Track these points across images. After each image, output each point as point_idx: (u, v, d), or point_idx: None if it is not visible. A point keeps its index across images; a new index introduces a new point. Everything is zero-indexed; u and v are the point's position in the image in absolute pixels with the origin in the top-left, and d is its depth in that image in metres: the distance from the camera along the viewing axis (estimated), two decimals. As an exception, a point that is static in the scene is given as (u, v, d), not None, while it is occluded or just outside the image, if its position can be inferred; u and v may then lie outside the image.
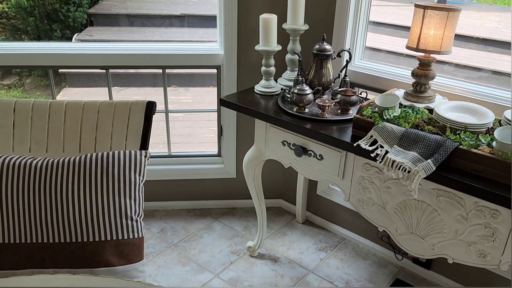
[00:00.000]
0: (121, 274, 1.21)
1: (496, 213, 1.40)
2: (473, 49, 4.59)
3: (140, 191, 1.31)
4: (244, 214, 2.66)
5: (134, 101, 1.44)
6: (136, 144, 1.38)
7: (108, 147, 1.38)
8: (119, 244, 1.24)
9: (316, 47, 1.96)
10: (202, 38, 5.27)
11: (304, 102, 1.86)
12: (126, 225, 1.26)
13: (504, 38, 4.56)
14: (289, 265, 2.26)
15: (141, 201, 1.33)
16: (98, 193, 1.24)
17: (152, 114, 1.44)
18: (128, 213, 1.27)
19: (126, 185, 1.27)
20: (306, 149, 1.83)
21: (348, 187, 1.77)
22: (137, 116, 1.40)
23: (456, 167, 1.46)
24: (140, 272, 1.28)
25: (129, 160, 1.30)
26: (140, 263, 1.28)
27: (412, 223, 1.62)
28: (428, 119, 1.64)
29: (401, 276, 2.21)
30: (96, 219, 1.23)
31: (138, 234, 1.30)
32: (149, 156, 1.36)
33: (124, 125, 1.39)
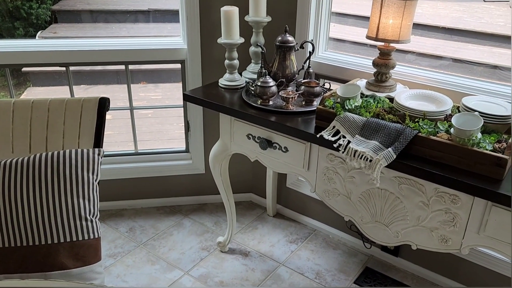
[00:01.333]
0: (77, 276, 1.17)
1: (456, 199, 1.42)
2: (439, 39, 4.67)
3: (94, 191, 1.27)
4: (214, 209, 2.64)
5: (86, 98, 1.39)
6: (90, 142, 1.34)
7: (60, 146, 1.34)
8: (74, 246, 1.20)
9: (279, 39, 1.95)
10: (171, 33, 5.19)
11: (268, 95, 1.85)
12: (80, 226, 1.22)
13: (468, 27, 4.65)
14: (260, 258, 2.25)
15: (96, 200, 1.29)
16: (49, 194, 1.19)
17: (106, 111, 1.40)
18: (82, 214, 1.23)
19: (79, 185, 1.23)
20: (271, 142, 1.82)
21: (313, 178, 1.77)
22: (89, 113, 1.35)
23: (416, 154, 1.47)
24: (98, 273, 1.24)
25: (81, 159, 1.25)
26: (97, 264, 1.25)
27: (376, 211, 1.63)
28: (389, 108, 1.65)
29: (370, 264, 2.23)
30: (48, 222, 1.19)
31: (94, 235, 1.26)
32: (103, 154, 1.32)
33: (76, 123, 1.34)
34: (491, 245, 1.40)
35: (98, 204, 1.29)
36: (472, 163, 1.37)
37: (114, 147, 3.55)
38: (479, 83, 1.83)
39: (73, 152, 1.26)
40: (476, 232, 1.42)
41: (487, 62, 2.88)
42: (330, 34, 2.21)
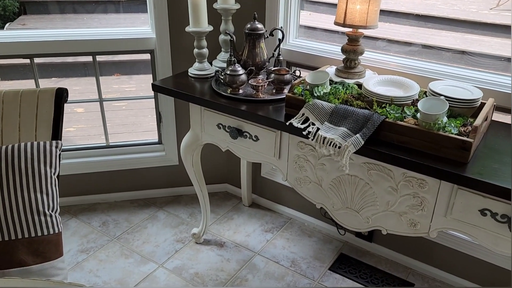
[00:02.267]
0: (37, 273, 1.14)
1: (423, 183, 1.43)
2: (413, 26, 4.71)
3: (53, 185, 1.24)
4: (189, 201, 2.61)
5: (42, 89, 1.35)
6: (47, 135, 1.30)
7: (16, 139, 1.29)
8: (33, 242, 1.16)
9: (248, 26, 1.92)
10: (144, 24, 5.10)
11: (238, 83, 1.82)
12: (39, 221, 1.19)
13: (441, 14, 4.69)
14: (236, 248, 2.25)
15: (55, 195, 1.25)
16: (4, 189, 1.15)
17: (63, 102, 1.35)
18: (41, 209, 1.20)
19: (36, 179, 1.19)
20: (241, 131, 1.80)
21: (285, 167, 1.76)
22: (46, 104, 1.31)
23: (384, 140, 1.47)
24: (59, 269, 1.21)
25: (38, 152, 1.21)
26: (58, 260, 1.21)
27: (347, 198, 1.64)
28: (358, 94, 1.65)
29: (345, 250, 2.25)
30: (4, 217, 1.14)
31: (54, 230, 1.22)
32: (61, 147, 1.28)
33: (32, 115, 1.29)
34: (458, 227, 1.42)
35: (57, 199, 1.25)
36: (438, 147, 1.38)
37: (86, 141, 3.48)
38: (447, 68, 1.84)
39: (28, 145, 1.21)
40: (443, 215, 1.43)
41: (455, 48, 2.92)
42: (305, 22, 2.20)
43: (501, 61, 2.19)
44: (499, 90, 1.70)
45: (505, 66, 2.09)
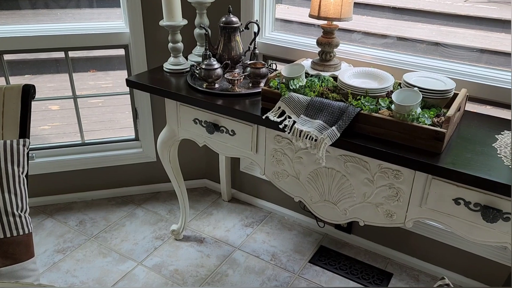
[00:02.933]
0: (7, 275, 1.10)
1: (398, 174, 1.45)
2: (390, 19, 4.75)
3: (21, 184, 1.20)
4: (168, 197, 2.59)
5: (8, 86, 1.30)
6: (14, 133, 1.26)
7: (-19, 138, 1.25)
8: (2, 244, 1.12)
9: (223, 19, 1.90)
10: (119, 18, 5.01)
11: (213, 78, 1.80)
12: (7, 222, 1.15)
13: (417, 6, 4.74)
14: (216, 244, 2.24)
15: (24, 195, 1.21)
16: (-31, 189, 1.11)
17: (31, 99, 1.31)
18: (9, 209, 1.16)
19: (3, 179, 1.15)
20: (218, 126, 1.78)
21: (262, 161, 1.75)
22: (12, 102, 1.27)
23: (359, 131, 1.48)
24: (31, 271, 1.18)
25: (5, 151, 1.17)
26: (30, 261, 1.18)
27: (324, 190, 1.64)
28: (333, 86, 1.65)
29: (325, 243, 2.26)
30: (-30, 219, 1.11)
31: (24, 231, 1.19)
32: (29, 145, 1.24)
33: (-2, 112, 1.25)
34: (433, 217, 1.44)
35: (27, 198, 1.22)
36: (412, 138, 1.40)
37: (62, 139, 3.41)
38: (421, 60, 1.86)
39: (-6, 144, 1.17)
40: (419, 205, 1.45)
41: (429, 39, 2.94)
42: (284, 16, 2.18)
43: (473, 52, 2.22)
44: (472, 81, 1.72)
45: (477, 57, 2.13)
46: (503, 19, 4.54)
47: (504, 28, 4.60)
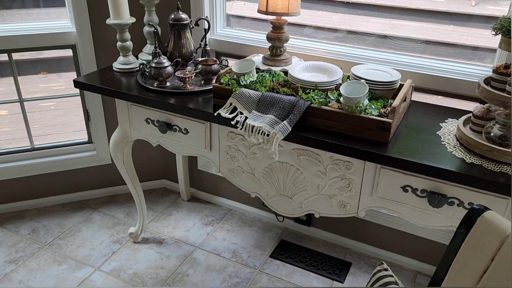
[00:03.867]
0: None
1: (349, 165, 1.47)
2: (345, 13, 4.84)
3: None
4: (126, 200, 2.53)
5: None
6: None
7: None
8: None
9: (172, 17, 1.87)
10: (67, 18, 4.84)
11: (164, 76, 1.77)
12: None
13: (369, 1, 4.85)
14: (176, 244, 2.21)
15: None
16: None
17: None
18: None
19: None
20: (170, 125, 1.76)
21: (217, 158, 1.75)
22: None
23: (310, 125, 1.50)
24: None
25: None
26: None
27: (279, 185, 1.65)
28: (284, 81, 1.66)
29: (285, 237, 2.28)
30: None
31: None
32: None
33: None
34: (384, 205, 1.48)
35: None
36: (361, 129, 1.43)
37: (10, 145, 3.26)
38: (370, 52, 1.90)
39: None
40: (370, 194, 1.48)
41: (378, 33, 3.03)
42: (240, 12, 2.18)
43: (420, 44, 2.29)
44: (417, 72, 1.78)
45: (423, 48, 2.20)
46: (451, 11, 4.72)
47: (452, 20, 4.79)
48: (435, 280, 0.80)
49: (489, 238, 0.72)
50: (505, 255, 0.69)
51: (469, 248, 0.75)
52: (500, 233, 0.71)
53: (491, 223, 0.74)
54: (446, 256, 0.80)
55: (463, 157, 1.33)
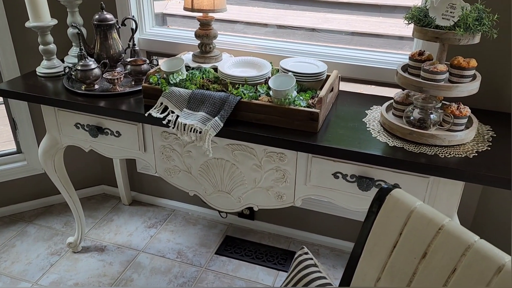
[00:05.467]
0: None
1: (283, 156, 1.51)
2: (279, 9, 4.94)
3: None
4: (63, 209, 2.43)
5: None
6: None
7: None
8: None
9: (96, 17, 1.82)
10: None
11: (91, 78, 1.72)
12: None
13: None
14: (118, 250, 2.16)
15: None
16: None
17: None
18: None
19: None
20: (102, 128, 1.71)
21: (152, 159, 1.72)
22: None
23: (242, 119, 1.51)
24: None
25: None
26: None
27: (217, 181, 1.66)
28: (214, 78, 1.67)
29: (229, 232, 2.29)
30: None
31: None
32: None
33: None
34: (318, 192, 1.52)
35: None
36: (291, 121, 1.46)
37: None
38: (298, 46, 1.94)
39: None
40: (304, 183, 1.53)
41: (306, 26, 3.11)
42: (176, 11, 2.15)
43: (345, 36, 2.39)
44: (344, 62, 1.84)
45: (349, 40, 2.29)
46: (379, 4, 4.94)
47: (381, 12, 5.01)
48: (352, 257, 0.84)
49: (396, 214, 0.77)
50: (411, 229, 0.74)
51: (380, 225, 0.80)
52: (406, 209, 0.76)
53: (398, 200, 0.79)
54: (361, 234, 0.85)
55: (387, 141, 1.40)
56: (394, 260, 0.77)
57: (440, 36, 1.31)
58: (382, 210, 0.79)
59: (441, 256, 0.70)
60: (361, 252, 0.83)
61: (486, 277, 0.64)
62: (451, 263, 0.69)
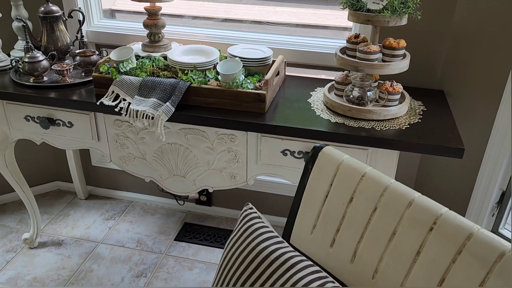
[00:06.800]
0: None
1: (233, 137, 1.58)
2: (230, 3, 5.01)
3: None
4: (17, 207, 2.39)
5: None
6: None
7: None
8: None
9: (41, 9, 1.82)
10: None
11: (39, 70, 1.72)
12: None
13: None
14: (76, 243, 2.16)
15: None
16: None
17: None
18: None
19: None
20: (53, 120, 1.72)
21: (107, 148, 1.75)
22: None
23: (193, 104, 1.57)
24: None
25: None
26: None
27: (171, 166, 1.71)
28: (164, 65, 1.71)
29: (188, 219, 2.35)
30: None
31: None
32: None
33: None
34: (269, 170, 1.61)
35: None
36: (240, 103, 1.54)
37: None
38: (246, 34, 2.02)
39: None
40: (255, 162, 1.61)
41: (252, 19, 3.21)
42: (122, 7, 2.15)
43: (291, 28, 2.50)
44: (289, 49, 1.93)
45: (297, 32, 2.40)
46: (327, -3, 5.10)
47: (327, 5, 5.18)
48: (292, 212, 0.93)
49: (327, 168, 0.87)
50: (339, 179, 0.83)
51: (314, 179, 0.89)
52: (335, 162, 0.86)
53: (328, 155, 0.88)
54: (298, 190, 0.94)
55: (329, 118, 1.51)
56: (326, 208, 0.86)
57: (371, 19, 1.42)
58: (315, 166, 0.88)
59: (364, 199, 0.80)
60: (299, 206, 0.92)
61: (399, 211, 0.75)
62: (372, 204, 0.79)
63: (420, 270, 0.71)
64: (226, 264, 0.85)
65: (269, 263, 0.76)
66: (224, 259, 0.88)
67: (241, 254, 0.82)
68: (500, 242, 0.65)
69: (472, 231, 0.68)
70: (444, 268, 0.68)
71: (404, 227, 0.74)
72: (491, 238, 0.66)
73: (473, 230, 0.68)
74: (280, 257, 0.76)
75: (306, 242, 0.90)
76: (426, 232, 0.71)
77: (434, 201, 0.74)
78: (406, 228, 0.74)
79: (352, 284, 0.79)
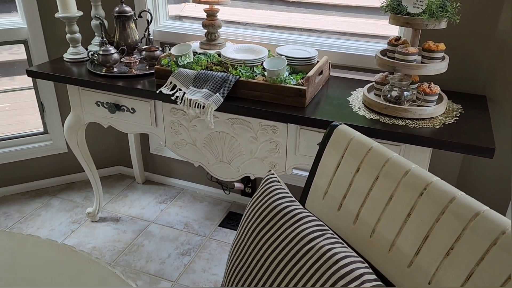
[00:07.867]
0: None
1: (275, 129, 1.72)
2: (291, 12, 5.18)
3: None
4: (83, 186, 2.68)
5: None
6: None
7: None
8: None
9: (116, 9, 2.07)
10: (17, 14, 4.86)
11: (111, 62, 1.96)
12: None
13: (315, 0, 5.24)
14: (131, 221, 2.39)
15: None
16: None
17: None
18: None
19: None
20: (119, 105, 1.95)
21: (162, 133, 1.95)
22: None
23: (240, 96, 1.73)
24: None
25: None
26: None
27: (218, 152, 1.87)
28: (218, 61, 1.89)
29: (233, 209, 2.50)
30: None
31: None
32: None
33: None
34: (305, 161, 1.72)
35: None
36: (282, 97, 1.67)
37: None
38: (295, 36, 2.16)
39: None
40: (294, 153, 1.73)
41: (304, 27, 3.33)
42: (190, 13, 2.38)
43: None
44: (335, 51, 2.04)
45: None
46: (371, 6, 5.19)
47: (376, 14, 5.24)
48: (308, 180, 1.04)
49: (341, 142, 0.98)
50: (349, 151, 0.94)
51: (328, 152, 1.00)
52: (347, 137, 0.97)
53: (342, 131, 0.99)
54: (315, 161, 1.05)
55: (365, 115, 1.60)
56: (337, 177, 0.98)
57: (410, 22, 1.51)
58: (330, 141, 0.99)
59: (368, 169, 0.90)
60: (314, 175, 1.03)
61: (397, 179, 0.85)
62: (375, 172, 0.89)
63: (409, 229, 0.81)
64: (246, 218, 0.98)
65: (280, 216, 0.89)
66: (245, 215, 1.01)
67: (258, 209, 0.96)
68: (478, 204, 0.73)
69: (455, 195, 0.76)
70: (429, 226, 0.77)
71: (399, 193, 0.84)
72: (471, 201, 0.75)
73: (457, 194, 0.76)
74: (290, 212, 0.89)
75: (318, 206, 1.02)
76: (417, 196, 0.81)
77: (427, 171, 0.84)
78: (401, 193, 0.83)
79: (352, 242, 0.90)
